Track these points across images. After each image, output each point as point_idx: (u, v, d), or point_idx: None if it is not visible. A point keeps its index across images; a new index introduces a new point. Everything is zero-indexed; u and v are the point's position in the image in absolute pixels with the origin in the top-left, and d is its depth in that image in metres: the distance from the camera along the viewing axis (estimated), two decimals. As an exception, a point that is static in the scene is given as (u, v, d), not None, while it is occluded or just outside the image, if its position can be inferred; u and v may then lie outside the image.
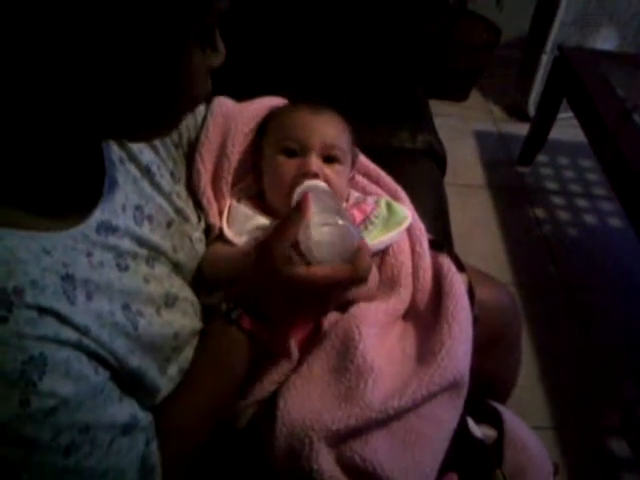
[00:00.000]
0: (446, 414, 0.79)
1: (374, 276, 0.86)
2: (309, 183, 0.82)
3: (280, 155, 0.88)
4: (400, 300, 0.87)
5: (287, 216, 0.71)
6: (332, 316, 0.83)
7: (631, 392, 1.69)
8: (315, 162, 0.86)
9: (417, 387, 0.75)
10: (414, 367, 0.80)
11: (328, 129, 0.89)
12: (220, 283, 0.80)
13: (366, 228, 0.88)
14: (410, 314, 0.88)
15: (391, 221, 0.90)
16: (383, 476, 0.71)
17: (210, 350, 0.73)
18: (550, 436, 1.54)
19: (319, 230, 0.68)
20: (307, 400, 0.76)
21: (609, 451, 1.54)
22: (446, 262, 0.90)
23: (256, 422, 0.80)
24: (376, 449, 0.72)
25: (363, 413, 0.72)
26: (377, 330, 0.82)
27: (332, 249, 0.69)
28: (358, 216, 0.89)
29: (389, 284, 0.88)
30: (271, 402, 0.78)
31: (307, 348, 0.82)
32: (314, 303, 0.72)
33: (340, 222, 0.69)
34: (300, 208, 0.70)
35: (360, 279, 0.70)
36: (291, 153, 0.88)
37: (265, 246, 0.71)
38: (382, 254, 0.90)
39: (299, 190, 0.80)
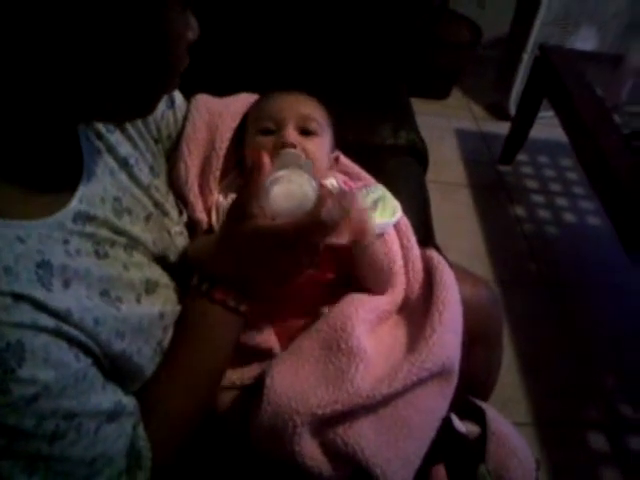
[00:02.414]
0: (435, 403, 0.78)
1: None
2: (284, 151, 0.81)
3: (258, 136, 0.89)
4: (394, 295, 0.87)
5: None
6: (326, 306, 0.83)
7: (611, 387, 1.71)
8: (291, 133, 0.87)
9: (407, 372, 0.75)
10: (405, 354, 0.79)
11: (301, 103, 0.91)
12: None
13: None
14: (402, 306, 0.88)
15: (387, 209, 0.90)
16: (363, 460, 0.71)
17: (185, 325, 0.72)
18: (531, 432, 1.55)
19: (277, 184, 0.69)
20: (294, 378, 0.75)
21: (590, 446, 1.56)
22: (435, 255, 0.91)
23: (239, 403, 0.79)
24: (360, 434, 0.72)
25: (350, 399, 0.72)
26: (372, 317, 0.82)
27: (290, 201, 0.68)
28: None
29: (383, 278, 0.87)
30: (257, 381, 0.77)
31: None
32: (283, 256, 0.70)
33: (298, 175, 0.69)
34: (256, 165, 0.69)
35: (324, 225, 0.67)
36: (268, 132, 0.89)
37: (230, 207, 0.71)
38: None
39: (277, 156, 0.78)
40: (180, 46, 0.57)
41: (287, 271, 0.72)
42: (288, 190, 0.69)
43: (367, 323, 0.80)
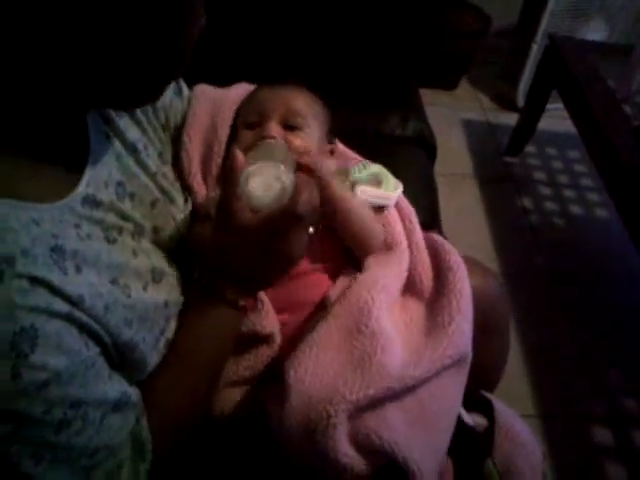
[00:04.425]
0: (454, 392, 0.78)
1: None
2: (261, 142, 0.81)
3: (244, 130, 0.89)
4: (402, 276, 0.86)
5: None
6: (338, 287, 0.82)
7: (616, 381, 1.71)
8: (273, 127, 0.87)
9: (430, 359, 0.74)
10: (423, 339, 0.79)
11: (287, 98, 0.90)
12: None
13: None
14: (409, 287, 0.88)
15: (390, 183, 0.91)
16: (399, 455, 0.69)
17: (186, 319, 0.72)
18: (535, 424, 1.55)
19: (252, 178, 0.68)
20: (318, 367, 0.74)
21: (594, 439, 1.55)
22: (439, 237, 0.92)
23: (239, 401, 0.78)
24: (393, 426, 0.71)
25: (382, 381, 0.71)
26: (386, 300, 0.81)
27: (267, 194, 0.68)
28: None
29: (386, 250, 0.88)
30: (266, 381, 0.77)
31: (305, 326, 0.81)
32: (269, 250, 0.70)
33: (271, 166, 0.69)
34: (230, 162, 0.69)
35: (302, 216, 0.67)
36: (253, 126, 0.89)
37: (216, 205, 0.71)
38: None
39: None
40: (195, 29, 0.57)
41: (277, 263, 0.72)
42: (263, 183, 0.68)
43: (383, 306, 0.79)
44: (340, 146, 1.02)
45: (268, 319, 0.80)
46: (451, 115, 2.63)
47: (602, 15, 2.45)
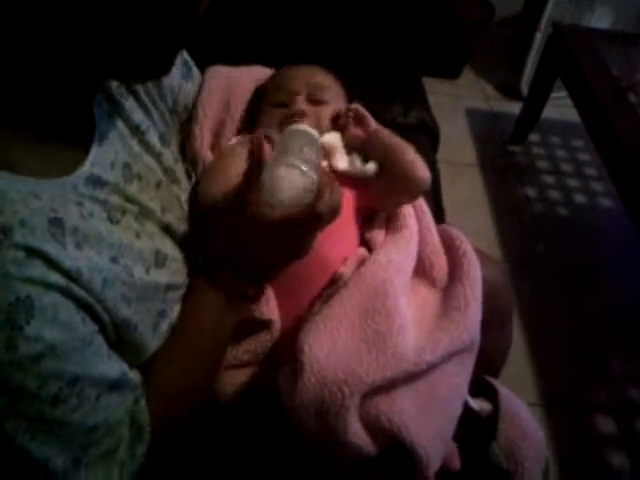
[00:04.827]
0: (461, 376, 0.78)
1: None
2: (291, 127, 0.79)
3: (271, 109, 0.89)
4: (408, 245, 0.86)
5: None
6: (350, 265, 0.82)
7: (619, 369, 1.71)
8: (302, 103, 0.88)
9: (448, 343, 0.74)
10: (436, 323, 0.79)
11: (312, 73, 0.92)
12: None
13: None
14: (419, 270, 0.88)
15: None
16: (407, 439, 0.69)
17: (190, 305, 0.72)
18: (538, 413, 1.55)
19: (276, 172, 0.67)
20: (333, 345, 0.72)
21: (598, 428, 1.56)
22: (452, 228, 0.92)
23: (238, 384, 0.78)
24: (403, 410, 0.70)
25: (399, 364, 0.70)
26: (401, 278, 0.81)
27: (289, 192, 0.67)
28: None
29: (396, 229, 0.88)
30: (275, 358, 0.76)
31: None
32: (281, 245, 0.70)
33: (297, 164, 0.68)
34: (256, 152, 0.69)
35: (320, 218, 0.67)
36: (281, 105, 0.89)
37: (232, 193, 0.70)
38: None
39: (279, 136, 0.76)
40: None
41: (286, 257, 0.72)
42: (287, 179, 0.67)
43: (399, 287, 0.79)
44: None
45: (267, 306, 0.80)
46: (455, 104, 2.62)
47: (607, 3, 2.43)
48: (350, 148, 0.88)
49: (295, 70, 0.93)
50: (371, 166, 0.85)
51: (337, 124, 0.90)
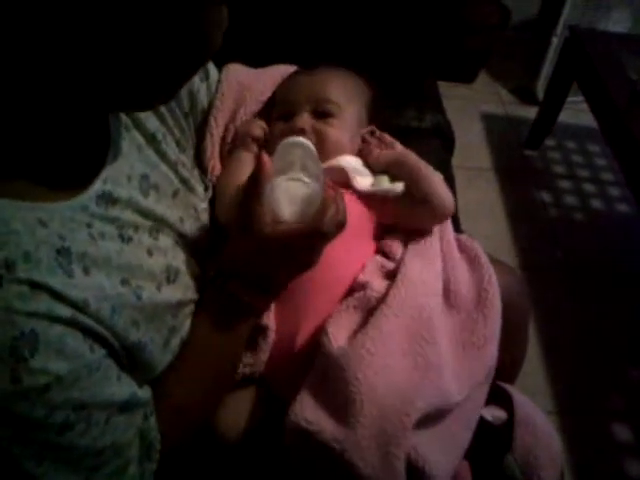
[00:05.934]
0: (477, 402, 0.78)
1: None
2: (288, 139, 0.77)
3: (276, 122, 0.89)
4: (433, 262, 0.84)
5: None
6: (372, 276, 0.79)
7: (635, 376, 1.69)
8: (302, 119, 0.85)
9: (468, 384, 0.74)
10: (461, 357, 0.77)
11: (319, 85, 0.89)
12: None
13: None
14: (444, 293, 0.84)
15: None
16: (429, 475, 0.67)
17: (199, 319, 0.71)
18: (553, 420, 1.53)
19: (279, 189, 0.67)
20: (388, 372, 0.68)
21: (613, 435, 1.54)
22: (474, 245, 0.91)
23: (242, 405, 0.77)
24: (431, 445, 0.68)
25: (446, 397, 0.69)
26: (439, 301, 0.80)
27: (292, 206, 0.67)
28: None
29: (417, 242, 0.86)
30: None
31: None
32: (287, 260, 0.70)
33: (300, 178, 0.68)
34: (257, 168, 0.68)
35: (324, 233, 0.66)
36: (287, 117, 0.88)
37: (237, 210, 0.70)
38: None
39: (277, 148, 0.75)
40: (218, 36, 0.56)
41: (294, 271, 0.72)
42: (289, 194, 0.67)
43: (439, 312, 0.77)
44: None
45: (268, 312, 0.78)
46: (470, 108, 2.61)
47: (624, 6, 2.41)
48: (374, 170, 0.88)
49: (303, 79, 0.91)
50: (399, 185, 0.84)
51: (360, 150, 0.90)
